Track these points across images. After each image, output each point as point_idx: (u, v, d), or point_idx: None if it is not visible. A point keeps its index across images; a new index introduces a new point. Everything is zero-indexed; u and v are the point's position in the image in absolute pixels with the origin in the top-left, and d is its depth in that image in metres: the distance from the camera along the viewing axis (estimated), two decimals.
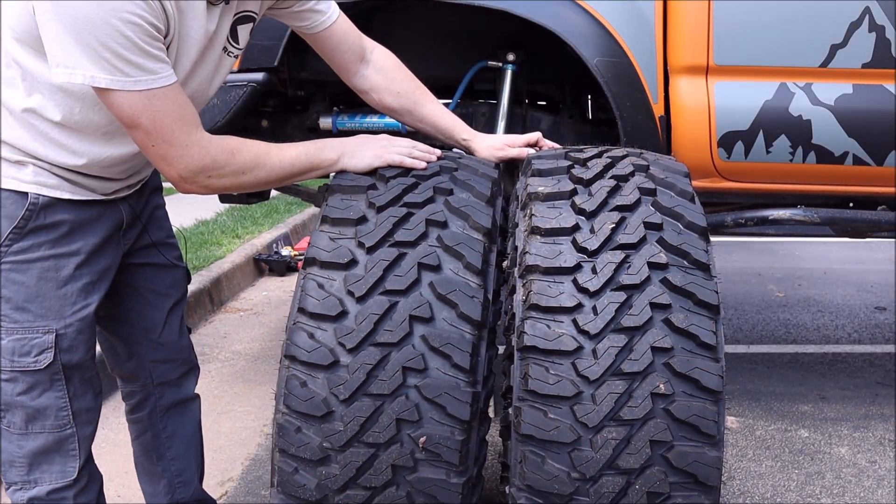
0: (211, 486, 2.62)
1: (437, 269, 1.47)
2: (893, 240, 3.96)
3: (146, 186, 1.80)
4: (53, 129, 1.51)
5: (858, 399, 3.37)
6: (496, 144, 1.92)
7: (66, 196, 1.56)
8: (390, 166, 1.67)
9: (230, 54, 1.68)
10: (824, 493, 2.64)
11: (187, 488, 2.04)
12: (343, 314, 1.44)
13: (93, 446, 1.75)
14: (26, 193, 1.52)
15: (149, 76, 1.39)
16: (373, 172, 1.67)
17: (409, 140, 1.73)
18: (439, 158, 1.72)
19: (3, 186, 1.52)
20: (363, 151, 1.67)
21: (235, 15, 1.63)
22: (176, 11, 1.45)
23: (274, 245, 5.74)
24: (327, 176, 1.73)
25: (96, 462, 1.79)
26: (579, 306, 1.43)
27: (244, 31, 1.68)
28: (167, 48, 1.46)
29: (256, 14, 1.69)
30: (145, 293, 1.86)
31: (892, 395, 3.40)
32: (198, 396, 2.06)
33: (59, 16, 1.32)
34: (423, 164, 1.68)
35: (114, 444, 2.86)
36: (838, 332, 4.23)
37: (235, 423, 3.12)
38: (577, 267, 1.47)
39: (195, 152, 1.48)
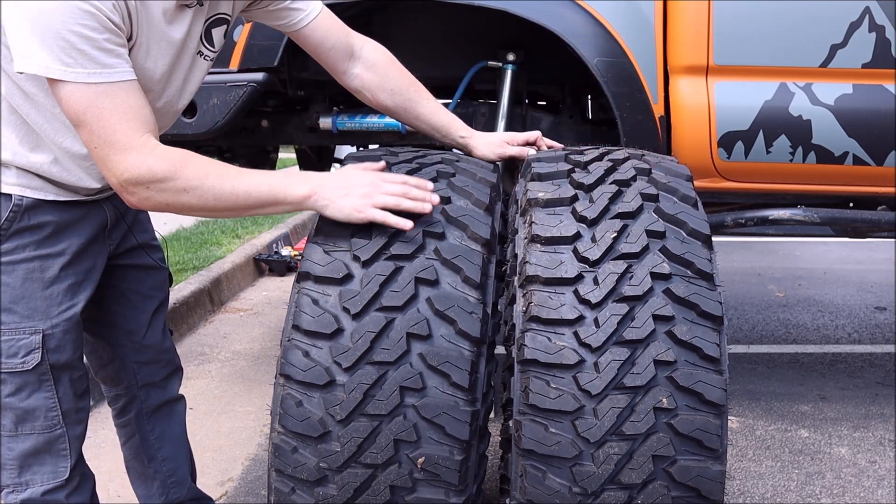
0: (211, 486, 2.62)
1: (434, 283, 1.44)
2: (893, 240, 3.95)
3: None
4: (28, 121, 1.51)
5: (858, 399, 3.37)
6: (495, 142, 1.89)
7: (51, 197, 1.56)
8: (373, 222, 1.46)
9: (206, 58, 1.66)
10: (824, 493, 2.63)
11: (181, 488, 2.04)
12: (339, 332, 1.41)
13: (94, 446, 1.75)
14: (10, 195, 1.52)
15: (102, 70, 1.36)
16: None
17: (400, 176, 1.54)
18: (437, 162, 1.69)
19: None
20: (342, 198, 1.47)
21: (208, 18, 1.61)
22: (142, 13, 1.44)
23: (274, 245, 5.73)
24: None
25: (97, 462, 1.79)
26: (581, 318, 1.41)
27: (218, 34, 1.66)
28: (132, 50, 1.44)
29: (230, 16, 1.67)
30: (129, 295, 1.86)
31: (892, 395, 3.40)
32: (182, 397, 2.06)
33: (20, 6, 1.32)
34: (424, 207, 1.48)
35: (114, 444, 2.84)
36: (838, 332, 4.22)
37: (235, 423, 3.11)
38: (579, 277, 1.45)
39: (133, 159, 1.38)
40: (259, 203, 1.46)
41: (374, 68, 1.84)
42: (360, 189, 1.48)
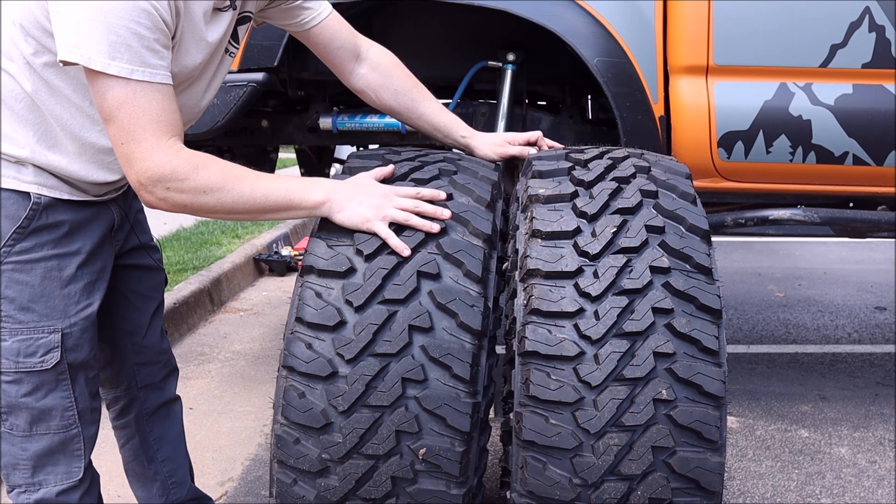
0: (211, 486, 2.62)
1: (436, 277, 1.45)
2: (893, 240, 3.96)
3: (130, 189, 1.79)
4: (47, 118, 1.51)
5: (858, 399, 3.37)
6: (497, 142, 1.91)
7: (65, 196, 1.57)
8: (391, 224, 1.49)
9: (231, 54, 1.68)
10: (824, 493, 2.64)
11: (181, 488, 2.05)
12: (341, 324, 1.42)
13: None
14: (28, 193, 1.53)
15: (146, 68, 1.38)
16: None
17: (413, 189, 1.55)
18: (440, 160, 1.71)
19: (4, 186, 1.52)
20: (355, 205, 1.50)
21: (238, 16, 1.63)
22: (185, 13, 1.46)
23: (274, 245, 5.74)
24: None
25: (97, 462, 1.79)
26: (581, 311, 1.42)
27: (243, 31, 1.69)
28: (173, 49, 1.46)
29: (253, 13, 1.70)
30: (129, 296, 1.87)
31: (892, 395, 3.40)
32: (179, 398, 2.07)
33: None
34: (432, 227, 1.49)
35: (114, 444, 2.85)
36: (838, 332, 4.23)
37: (235, 423, 3.12)
38: (579, 271, 1.46)
39: (158, 157, 1.40)
40: (275, 207, 1.49)
41: (379, 69, 1.87)
42: (372, 200, 1.51)
